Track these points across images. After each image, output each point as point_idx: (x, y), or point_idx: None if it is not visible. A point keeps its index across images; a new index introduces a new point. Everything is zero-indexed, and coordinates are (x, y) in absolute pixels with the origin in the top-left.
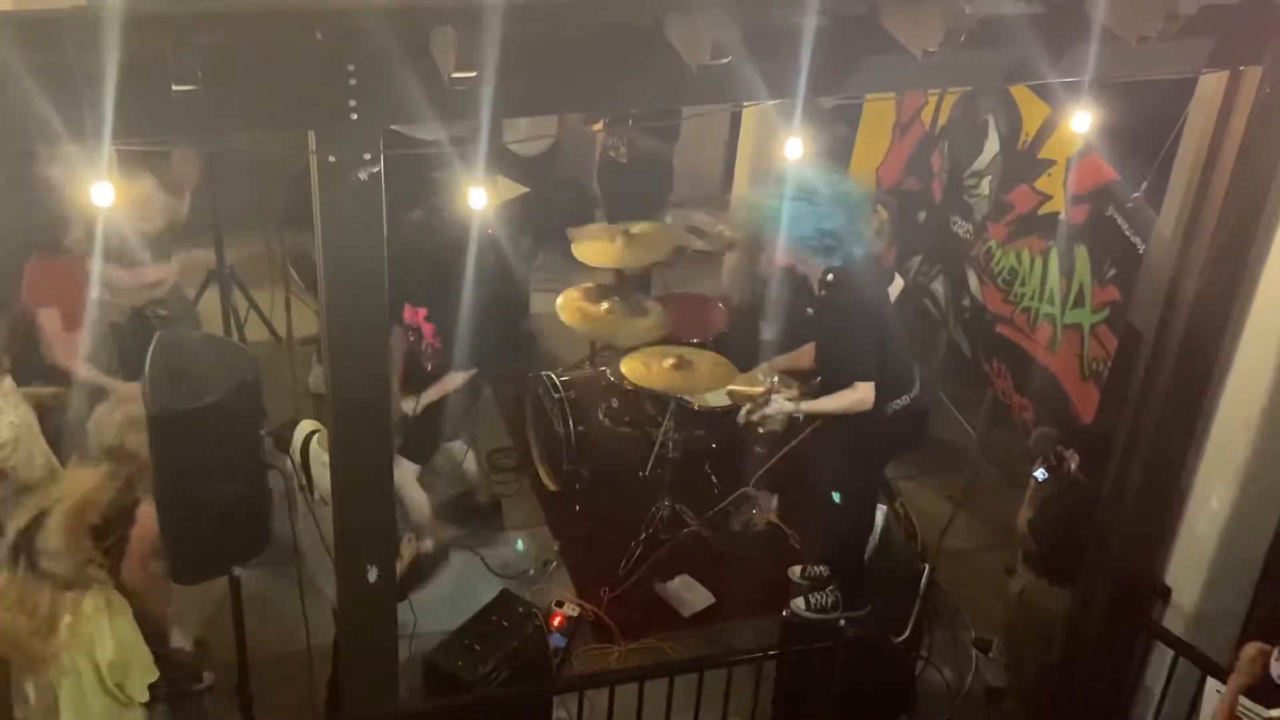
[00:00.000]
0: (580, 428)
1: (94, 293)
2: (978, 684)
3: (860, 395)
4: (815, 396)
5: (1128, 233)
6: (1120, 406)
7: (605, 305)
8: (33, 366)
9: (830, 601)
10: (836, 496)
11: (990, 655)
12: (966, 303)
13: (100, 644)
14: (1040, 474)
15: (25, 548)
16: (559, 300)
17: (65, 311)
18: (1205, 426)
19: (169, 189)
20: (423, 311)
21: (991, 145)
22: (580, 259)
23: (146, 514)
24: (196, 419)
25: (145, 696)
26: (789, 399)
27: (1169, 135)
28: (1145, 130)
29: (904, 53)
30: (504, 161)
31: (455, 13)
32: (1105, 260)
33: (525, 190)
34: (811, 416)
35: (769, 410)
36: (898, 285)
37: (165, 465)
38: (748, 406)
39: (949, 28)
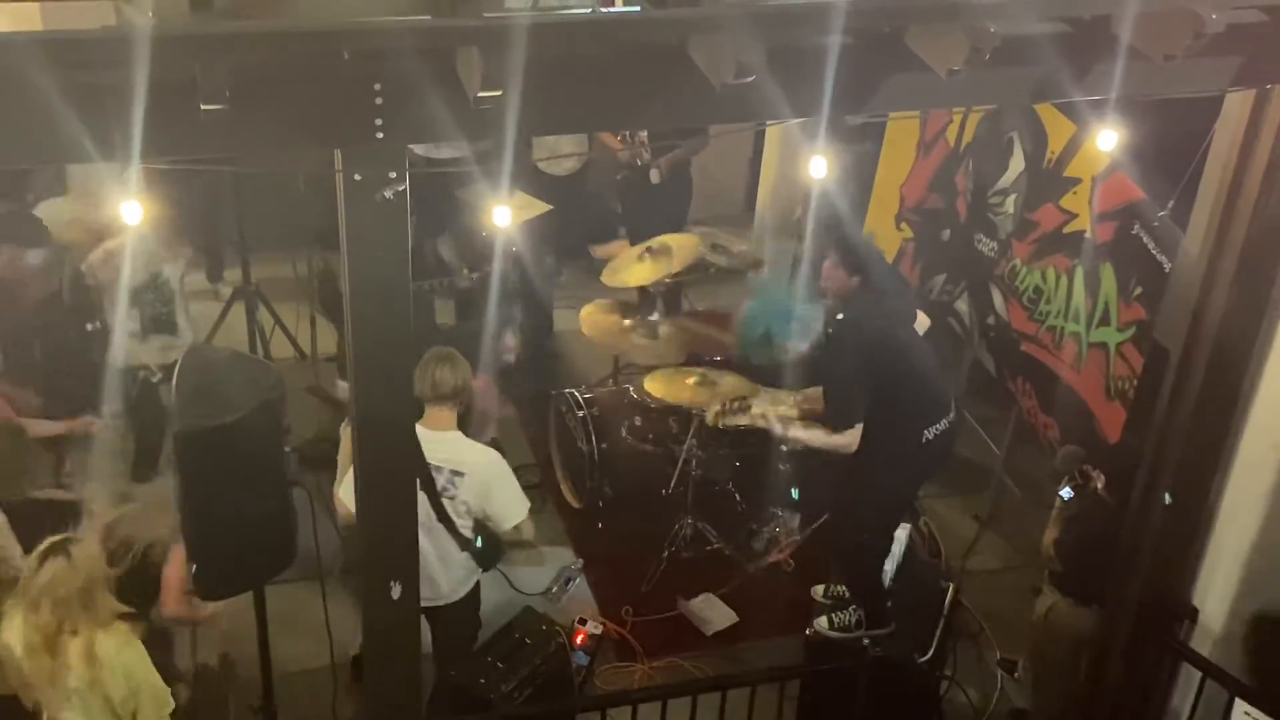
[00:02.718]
0: (603, 445)
1: None
2: (1002, 705)
3: (845, 440)
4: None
5: (1154, 251)
6: (1146, 426)
7: (628, 322)
8: None
9: (853, 620)
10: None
11: (1015, 676)
12: (991, 321)
13: (113, 683)
14: (1066, 493)
15: (54, 551)
16: (582, 311)
17: None
18: (1232, 446)
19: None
20: None
21: (1016, 163)
22: (605, 280)
23: (179, 552)
24: (222, 435)
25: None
26: (781, 419)
27: (1195, 153)
28: (1171, 148)
29: (929, 71)
30: (533, 180)
31: (481, 33)
32: (1131, 279)
33: (548, 209)
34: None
35: (743, 420)
36: (923, 323)
37: (191, 481)
38: (717, 408)
39: (973, 46)
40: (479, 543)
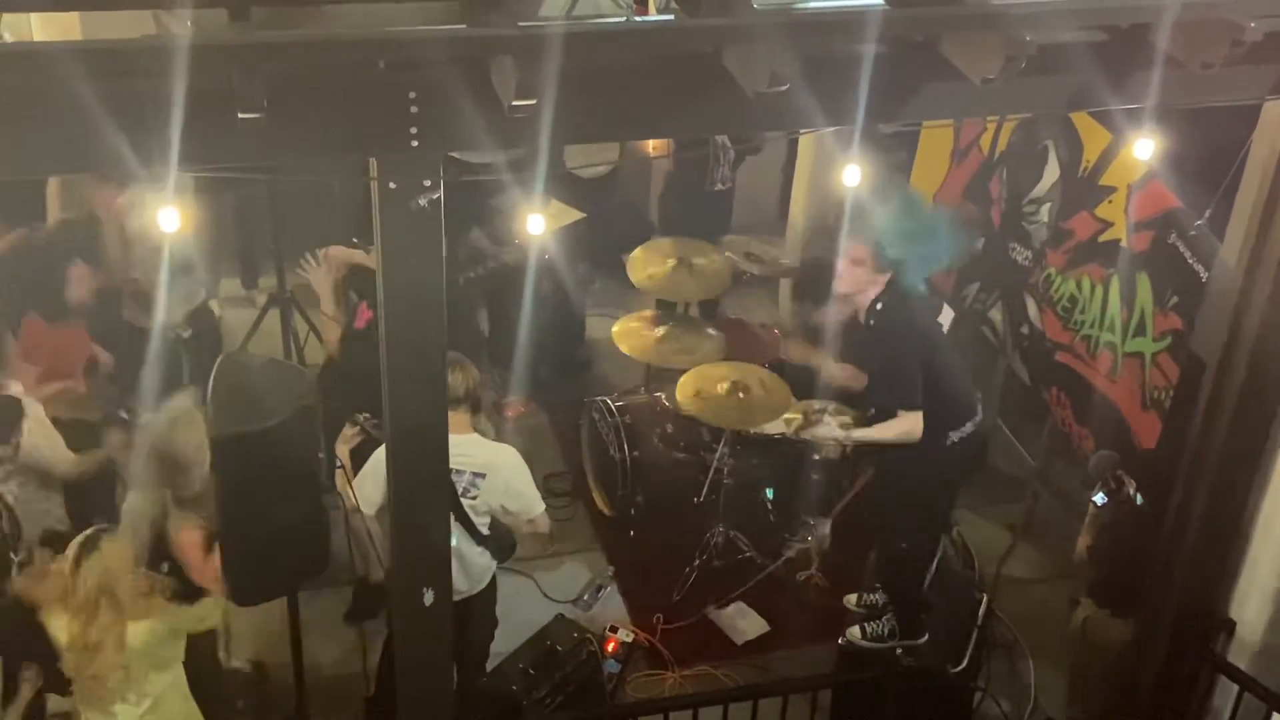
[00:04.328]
0: (635, 453)
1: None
2: (1036, 716)
3: (907, 426)
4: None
5: (1190, 260)
6: (1183, 437)
7: (661, 331)
8: None
9: (886, 630)
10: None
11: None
12: (1025, 330)
13: (147, 671)
14: (1099, 498)
15: (87, 552)
16: (615, 328)
17: (46, 372)
18: (1270, 458)
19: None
20: None
21: (1051, 172)
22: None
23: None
24: (257, 441)
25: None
26: (841, 425)
27: (1233, 162)
28: (1209, 157)
29: (963, 80)
30: (565, 185)
31: (515, 41)
32: (1167, 288)
33: (582, 215)
34: (866, 445)
35: (818, 430)
36: (948, 316)
37: (226, 486)
38: (797, 422)
39: (1009, 55)
40: (491, 538)
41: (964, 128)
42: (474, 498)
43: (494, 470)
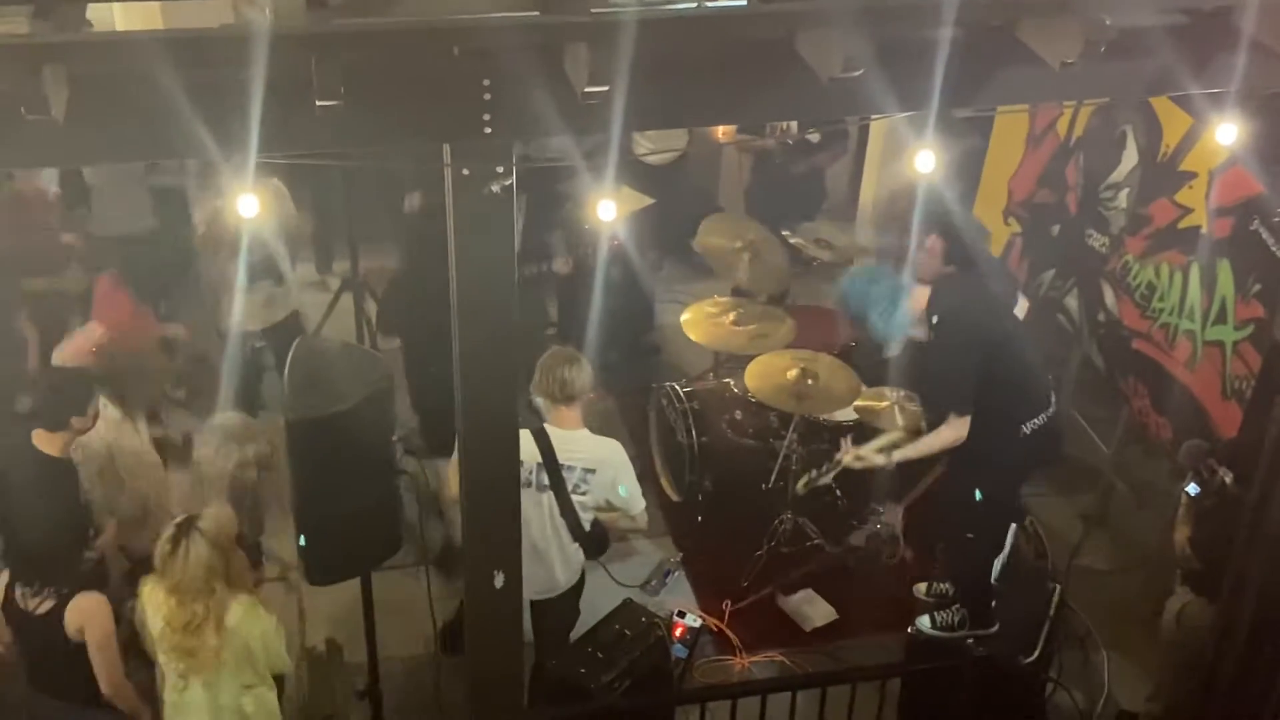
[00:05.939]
0: (703, 439)
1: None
2: (1109, 708)
3: (955, 433)
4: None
5: (1274, 247)
6: (1265, 427)
7: (731, 317)
8: None
9: (957, 619)
10: (978, 494)
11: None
12: (1101, 318)
13: (241, 651)
14: (1192, 488)
15: (186, 533)
16: (684, 314)
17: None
18: None
19: None
20: None
21: (1130, 157)
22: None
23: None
24: (331, 425)
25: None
26: (881, 451)
27: None
28: None
29: (1041, 64)
30: (634, 171)
31: (588, 29)
32: (1250, 275)
33: (651, 201)
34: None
35: (851, 460)
36: (1023, 307)
37: (301, 469)
38: (810, 474)
39: (1088, 39)
40: (591, 534)
41: (1040, 112)
42: (584, 493)
43: (603, 466)
